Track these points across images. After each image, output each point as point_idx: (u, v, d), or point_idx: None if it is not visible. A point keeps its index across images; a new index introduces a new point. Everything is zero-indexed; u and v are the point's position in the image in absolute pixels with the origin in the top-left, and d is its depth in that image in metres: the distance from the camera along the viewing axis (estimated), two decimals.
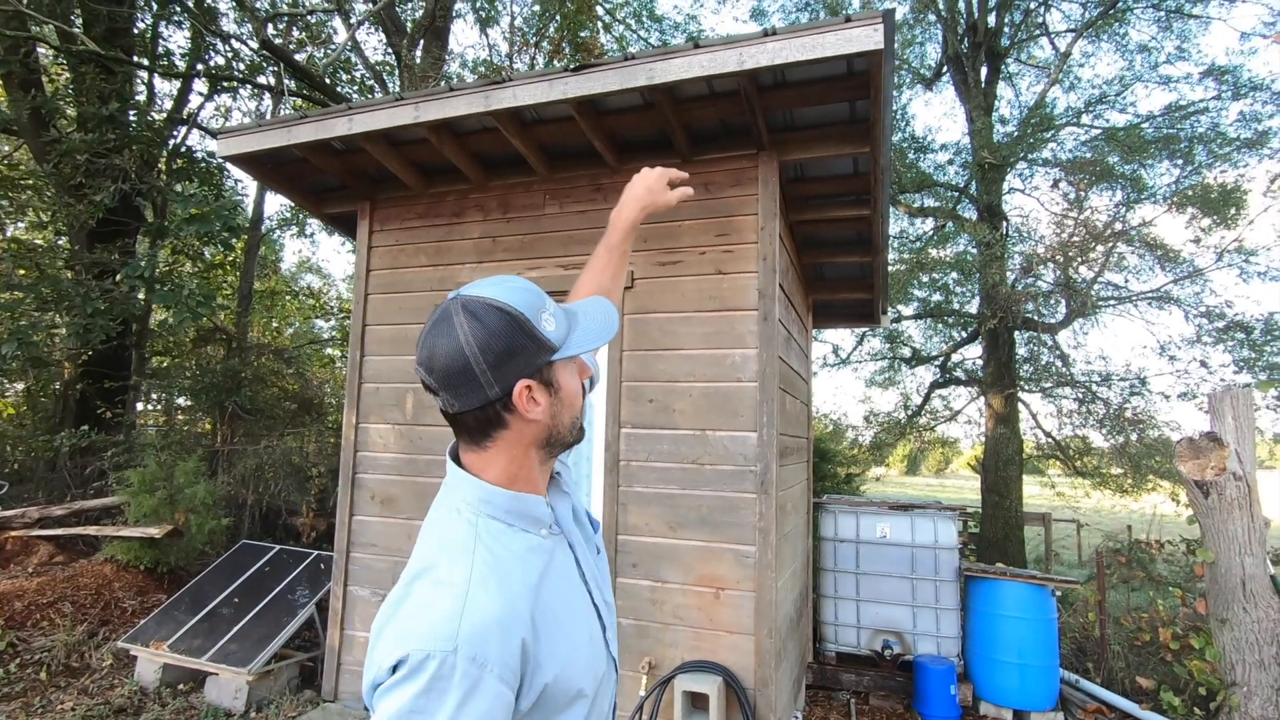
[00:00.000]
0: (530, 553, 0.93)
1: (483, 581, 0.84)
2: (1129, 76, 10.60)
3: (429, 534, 0.93)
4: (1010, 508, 9.21)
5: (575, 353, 0.96)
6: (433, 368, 0.89)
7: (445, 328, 0.88)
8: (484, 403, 0.89)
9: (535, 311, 0.92)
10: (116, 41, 8.23)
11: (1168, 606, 4.99)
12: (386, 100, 3.44)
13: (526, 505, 0.95)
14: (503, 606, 0.83)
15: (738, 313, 3.41)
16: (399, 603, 0.84)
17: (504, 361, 0.88)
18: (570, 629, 0.92)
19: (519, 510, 0.94)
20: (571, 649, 0.90)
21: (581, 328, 0.98)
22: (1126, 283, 10.30)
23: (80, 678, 4.42)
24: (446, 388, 0.89)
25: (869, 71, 2.85)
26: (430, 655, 0.75)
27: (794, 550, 4.25)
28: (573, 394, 0.98)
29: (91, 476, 7.50)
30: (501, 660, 0.80)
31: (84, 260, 7.76)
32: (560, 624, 0.90)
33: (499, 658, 0.79)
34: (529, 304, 0.92)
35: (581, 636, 0.93)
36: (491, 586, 0.84)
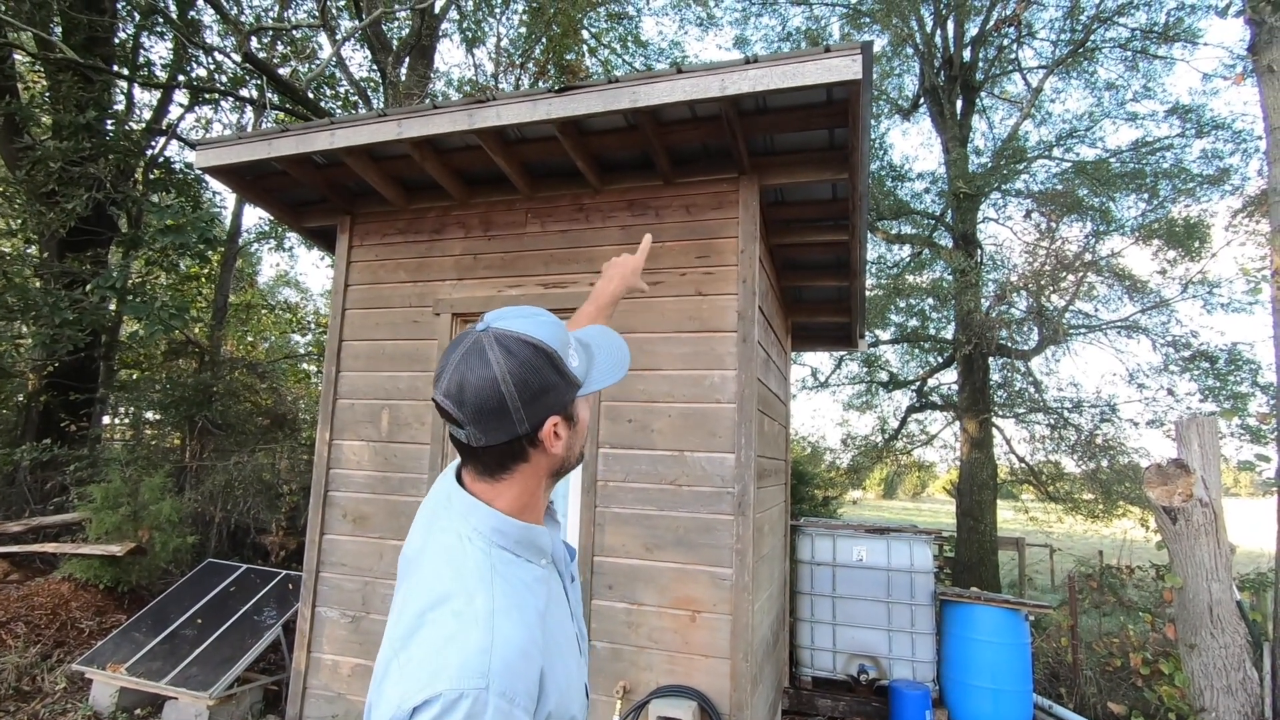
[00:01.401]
0: (537, 583, 0.92)
1: (506, 613, 0.83)
2: (1098, 113, 10.96)
3: (437, 561, 0.89)
4: (985, 532, 9.29)
5: (596, 389, 0.97)
6: (463, 401, 0.85)
7: (478, 360, 0.86)
8: (512, 438, 0.88)
9: (564, 347, 0.92)
10: (96, 50, 8.15)
11: (1138, 631, 5.05)
12: (370, 116, 3.44)
13: (533, 536, 0.94)
14: (525, 638, 0.82)
15: (717, 334, 3.42)
16: (412, 634, 0.80)
17: (538, 398, 0.87)
18: (566, 658, 0.93)
19: (527, 541, 0.93)
20: (568, 678, 0.90)
21: (599, 363, 1.00)
22: (1096, 311, 10.57)
23: (31, 702, 4.25)
24: (476, 422, 0.86)
25: (848, 100, 2.91)
26: (464, 694, 0.73)
27: (771, 573, 4.24)
28: (586, 425, 1.01)
29: (52, 491, 7.27)
30: (527, 692, 0.79)
31: (54, 269, 7.59)
32: (560, 653, 0.90)
33: (525, 690, 0.78)
34: (558, 339, 0.91)
35: (574, 665, 0.95)
36: (514, 618, 0.83)
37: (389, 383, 4.01)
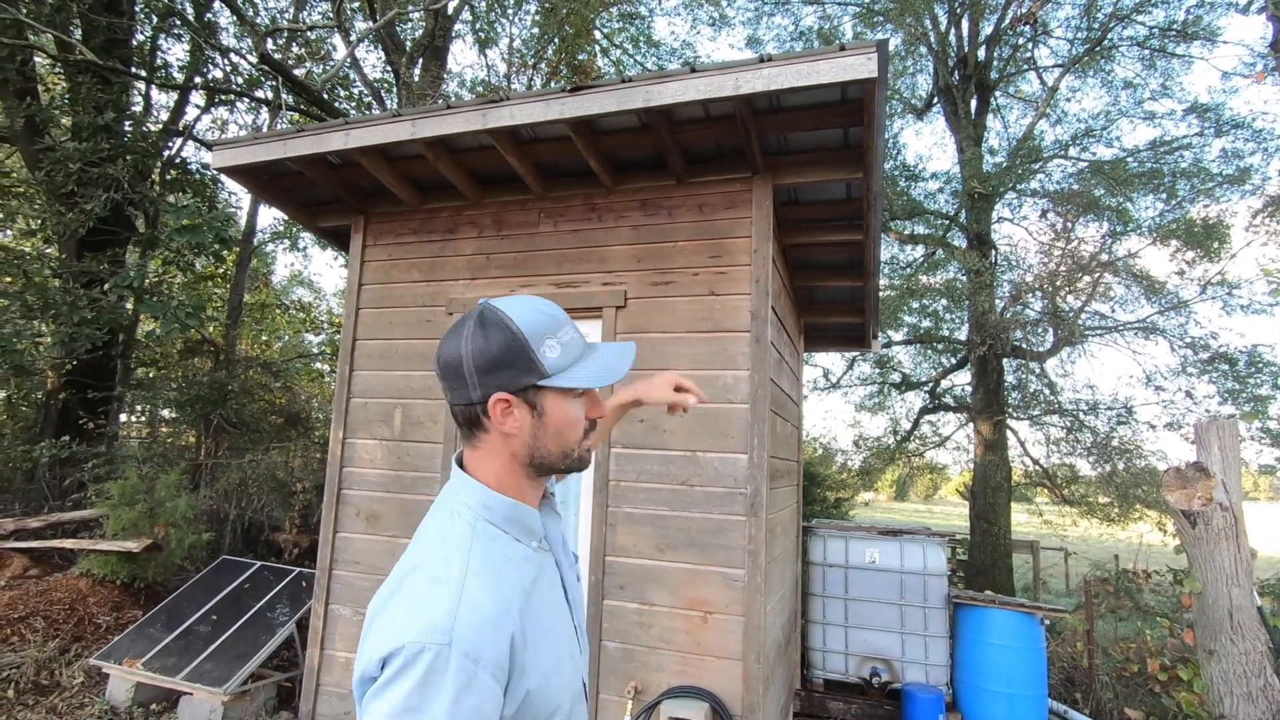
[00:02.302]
0: (524, 560, 0.97)
1: (479, 579, 0.87)
2: (1114, 112, 10.84)
3: (426, 533, 0.96)
4: (998, 535, 9.20)
5: (564, 385, 0.96)
6: (439, 357, 0.98)
7: (459, 328, 0.97)
8: (467, 402, 0.96)
9: (539, 336, 0.95)
10: (114, 52, 8.25)
11: (1156, 637, 4.98)
12: (384, 116, 3.46)
13: (522, 515, 0.99)
14: (496, 603, 0.85)
15: (730, 334, 3.41)
16: (391, 595, 0.85)
17: (490, 370, 0.93)
18: (555, 643, 0.94)
19: (515, 518, 0.98)
20: (555, 663, 0.93)
21: (585, 366, 0.99)
22: (1113, 312, 10.45)
23: (50, 696, 4.30)
24: (443, 378, 0.97)
25: (863, 99, 2.89)
26: (425, 648, 0.76)
27: (783, 574, 4.22)
28: (563, 423, 0.99)
29: (70, 488, 7.36)
30: (494, 658, 0.81)
31: (72, 269, 7.69)
32: (546, 635, 0.93)
33: (492, 654, 0.81)
34: (537, 327, 0.95)
35: (564, 653, 0.97)
36: (487, 584, 0.87)
37: (402, 382, 4.03)
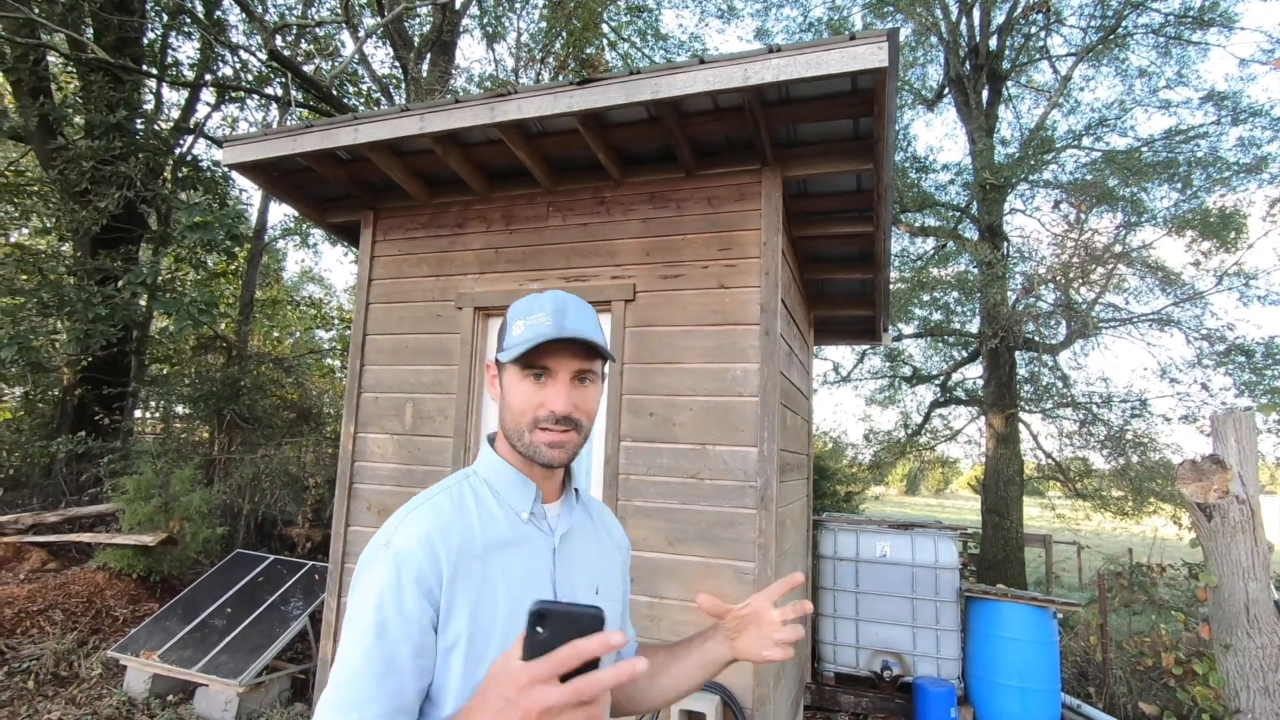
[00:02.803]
0: (500, 521, 1.03)
1: (433, 507, 1.01)
2: (1129, 101, 10.70)
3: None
4: (1010, 529, 9.15)
5: (500, 358, 1.05)
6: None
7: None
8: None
9: (516, 315, 1.04)
10: (126, 50, 8.30)
11: (1170, 631, 4.94)
12: (392, 111, 3.46)
13: (511, 478, 1.07)
14: (434, 528, 0.97)
15: (739, 327, 3.40)
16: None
17: (498, 339, 1.08)
18: (508, 611, 0.97)
19: (504, 478, 1.07)
20: (504, 631, 0.96)
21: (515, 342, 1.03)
22: (1127, 304, 10.32)
23: (68, 687, 4.36)
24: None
25: (873, 89, 2.86)
26: (370, 548, 0.97)
27: (794, 567, 4.21)
28: (511, 400, 1.05)
29: (87, 483, 7.46)
30: (418, 566, 0.93)
31: (87, 266, 7.76)
32: (496, 597, 0.97)
33: (416, 568, 0.93)
34: (520, 308, 1.05)
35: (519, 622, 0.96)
36: (427, 514, 0.99)
37: (413, 376, 4.05)
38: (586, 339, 1.00)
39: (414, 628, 0.92)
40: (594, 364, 1.05)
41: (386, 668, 0.91)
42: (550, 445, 1.02)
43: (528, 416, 1.02)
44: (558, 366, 1.02)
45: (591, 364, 1.05)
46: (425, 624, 0.93)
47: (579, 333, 0.99)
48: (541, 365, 1.01)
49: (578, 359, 1.03)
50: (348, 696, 0.89)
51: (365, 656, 0.91)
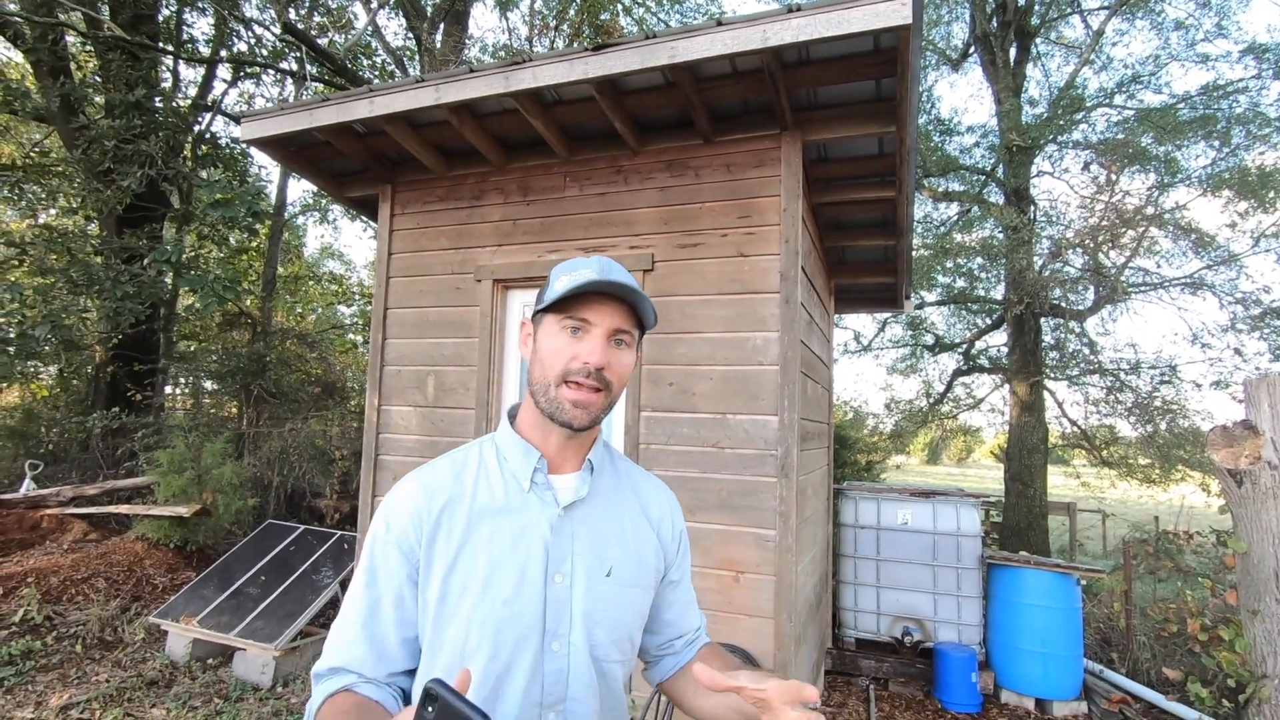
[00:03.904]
0: (496, 488, 1.05)
1: (432, 467, 1.07)
2: (1164, 55, 10.27)
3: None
4: (1034, 497, 9.08)
5: (540, 307, 1.04)
6: None
7: None
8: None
9: (559, 273, 1.03)
10: (141, 28, 8.32)
11: (1196, 598, 4.90)
12: (407, 82, 3.43)
13: (515, 445, 1.07)
14: (423, 487, 1.03)
15: (759, 296, 3.37)
16: None
17: (538, 298, 1.05)
18: (484, 579, 0.98)
19: (510, 446, 1.07)
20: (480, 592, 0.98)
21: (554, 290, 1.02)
22: (1159, 268, 10.05)
23: (114, 651, 4.55)
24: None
25: (896, 48, 2.78)
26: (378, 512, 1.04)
27: (814, 535, 4.23)
28: (544, 350, 1.03)
29: (123, 457, 7.68)
30: (401, 524, 1.00)
31: (113, 245, 7.89)
32: (474, 563, 0.99)
33: (400, 521, 1.01)
34: (564, 266, 1.04)
35: (499, 596, 0.98)
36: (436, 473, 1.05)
37: (434, 349, 4.08)
38: (630, 290, 0.99)
39: (393, 581, 0.99)
40: (633, 328, 1.04)
41: (371, 614, 0.99)
42: (575, 404, 0.99)
43: (558, 368, 1.00)
44: (597, 320, 1.00)
45: (631, 327, 1.03)
46: (403, 578, 0.99)
47: (623, 281, 0.99)
48: (580, 317, 1.00)
49: (618, 316, 1.01)
50: (337, 639, 0.99)
51: (354, 602, 1.00)
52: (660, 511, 1.19)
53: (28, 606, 4.66)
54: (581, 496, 1.06)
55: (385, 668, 0.98)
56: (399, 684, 1.01)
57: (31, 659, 4.26)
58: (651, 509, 1.18)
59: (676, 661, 1.21)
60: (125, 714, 3.75)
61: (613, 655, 1.05)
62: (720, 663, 1.13)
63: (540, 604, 1.00)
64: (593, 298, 1.00)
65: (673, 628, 1.21)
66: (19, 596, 4.79)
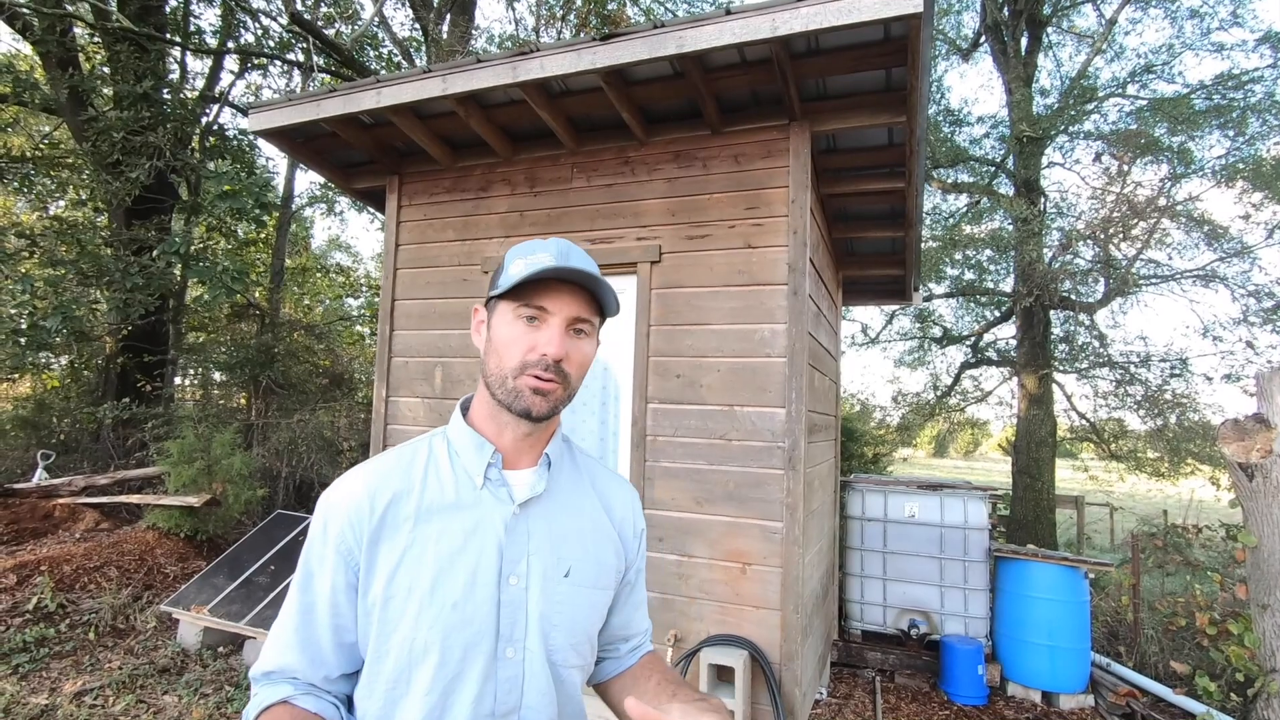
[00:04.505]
0: (446, 484, 0.98)
1: (378, 461, 1.00)
2: (1178, 44, 10.13)
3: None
4: (1042, 490, 9.05)
5: (493, 292, 0.98)
6: None
7: None
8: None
9: (514, 256, 0.97)
10: (149, 19, 8.32)
11: (1205, 591, 4.88)
12: (414, 73, 3.42)
13: (468, 439, 1.01)
14: (366, 485, 0.96)
15: (767, 287, 3.36)
16: None
17: (491, 281, 1.01)
18: (432, 580, 0.92)
19: (463, 440, 1.01)
20: (424, 596, 0.91)
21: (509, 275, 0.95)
22: (1170, 260, 9.95)
23: (126, 639, 4.60)
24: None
25: (907, 37, 2.75)
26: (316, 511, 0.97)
27: (821, 527, 4.23)
28: (498, 339, 0.96)
29: (133, 447, 7.74)
30: (340, 525, 0.94)
31: (122, 237, 7.93)
32: (421, 564, 0.93)
33: (338, 522, 0.94)
34: (520, 249, 0.98)
35: (446, 599, 0.91)
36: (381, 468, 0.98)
37: (441, 341, 4.09)
38: (590, 276, 0.93)
39: (328, 585, 0.93)
40: (593, 316, 0.98)
41: (305, 620, 0.94)
42: (535, 391, 0.94)
43: (515, 360, 0.94)
44: (555, 308, 0.94)
45: (591, 315, 0.98)
46: (340, 583, 0.93)
47: (583, 268, 0.93)
48: (538, 305, 0.94)
49: (577, 304, 0.96)
50: (273, 641, 0.95)
51: (290, 605, 0.95)
52: (622, 510, 1.12)
53: (41, 594, 4.72)
54: (538, 493, 1.00)
55: (321, 672, 0.94)
56: (339, 690, 0.96)
57: (46, 646, 4.31)
58: (614, 507, 1.11)
59: (617, 666, 1.16)
60: (138, 701, 3.79)
61: (571, 660, 1.00)
62: (660, 676, 1.08)
63: (493, 607, 0.93)
64: (550, 284, 0.94)
65: (619, 630, 1.15)
66: (33, 584, 4.85)
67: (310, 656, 0.94)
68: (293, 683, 0.93)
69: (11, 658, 4.10)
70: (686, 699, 0.93)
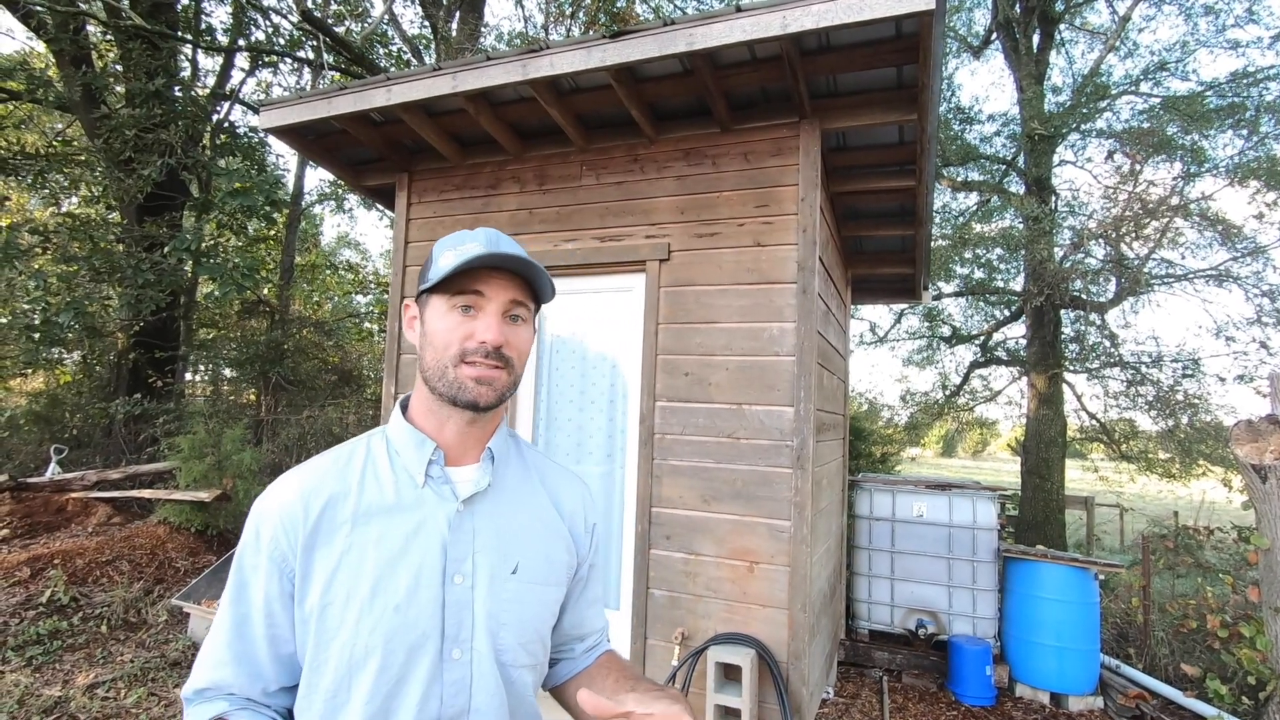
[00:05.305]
0: (385, 485, 0.95)
1: (313, 464, 0.96)
2: (1192, 42, 10.03)
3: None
4: (1051, 490, 9.00)
5: (425, 286, 0.95)
6: None
7: None
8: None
9: (442, 249, 0.95)
10: (160, 17, 8.37)
11: (1217, 594, 4.84)
12: (424, 71, 3.43)
13: (407, 436, 0.98)
14: (300, 489, 0.92)
15: (776, 286, 3.35)
16: None
17: (420, 276, 0.98)
18: (373, 585, 0.88)
19: (403, 438, 0.98)
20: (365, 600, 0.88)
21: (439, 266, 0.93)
22: (1183, 259, 9.86)
23: (138, 632, 4.64)
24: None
25: (919, 33, 2.73)
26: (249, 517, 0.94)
27: (829, 526, 4.22)
28: (436, 334, 0.94)
29: (145, 442, 7.81)
30: (273, 531, 0.91)
31: (134, 233, 7.99)
32: (360, 569, 0.89)
33: (271, 528, 0.91)
34: (447, 241, 0.96)
35: (388, 602, 0.88)
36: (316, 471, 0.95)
37: None
38: (522, 260, 0.92)
39: (262, 594, 0.90)
40: (528, 301, 0.97)
41: (238, 632, 0.90)
42: (477, 380, 0.92)
43: (453, 350, 0.92)
44: (490, 294, 0.93)
45: (526, 300, 0.96)
46: (274, 592, 0.90)
47: (514, 253, 0.92)
48: (473, 290, 0.92)
49: (511, 289, 0.94)
50: (204, 659, 0.91)
51: (221, 619, 0.91)
52: (572, 504, 1.10)
53: (55, 587, 4.77)
54: (482, 488, 0.97)
55: (259, 685, 0.90)
56: (279, 703, 0.92)
57: (59, 639, 4.35)
58: (564, 501, 1.09)
59: (572, 667, 1.13)
60: (149, 693, 3.83)
61: (521, 659, 0.97)
62: (619, 673, 1.06)
63: (438, 607, 0.90)
64: (483, 272, 0.93)
65: (574, 629, 1.12)
66: (46, 577, 4.90)
67: (247, 670, 0.90)
68: (228, 699, 0.89)
69: (25, 650, 4.15)
70: (644, 690, 0.90)
